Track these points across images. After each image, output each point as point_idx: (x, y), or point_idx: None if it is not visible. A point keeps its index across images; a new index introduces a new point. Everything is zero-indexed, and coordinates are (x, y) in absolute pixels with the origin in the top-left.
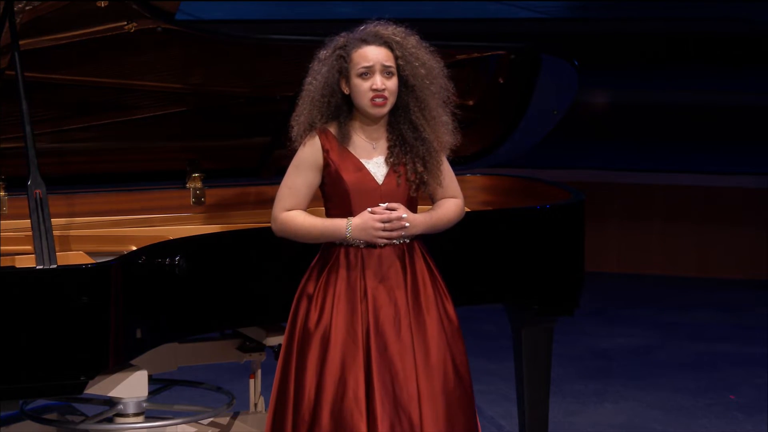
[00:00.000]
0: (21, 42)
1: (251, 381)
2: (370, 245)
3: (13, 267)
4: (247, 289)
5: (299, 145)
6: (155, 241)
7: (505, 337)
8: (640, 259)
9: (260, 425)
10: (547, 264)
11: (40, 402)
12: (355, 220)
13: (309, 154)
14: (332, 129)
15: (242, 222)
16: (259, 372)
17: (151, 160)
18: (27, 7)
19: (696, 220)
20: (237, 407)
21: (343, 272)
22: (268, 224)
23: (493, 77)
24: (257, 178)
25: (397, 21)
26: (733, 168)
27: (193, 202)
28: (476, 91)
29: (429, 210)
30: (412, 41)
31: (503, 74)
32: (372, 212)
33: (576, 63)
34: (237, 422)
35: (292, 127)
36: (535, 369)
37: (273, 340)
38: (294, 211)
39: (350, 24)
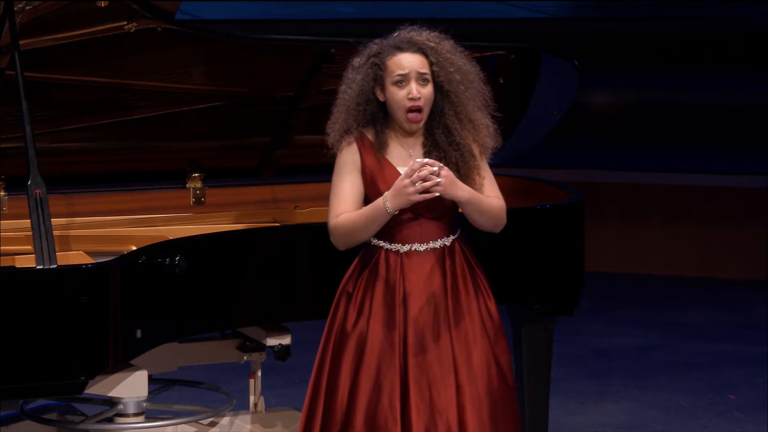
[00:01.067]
0: (21, 42)
1: (251, 381)
2: (410, 248)
3: (13, 267)
4: (246, 289)
5: (337, 151)
6: (155, 241)
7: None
8: (640, 259)
9: (260, 425)
10: (548, 264)
11: (40, 402)
12: (389, 192)
13: (348, 157)
14: (369, 135)
15: (242, 222)
16: (259, 372)
17: (151, 160)
18: (27, 7)
19: (696, 219)
20: (237, 407)
21: (382, 274)
22: (268, 224)
23: (493, 77)
24: (257, 178)
25: (431, 25)
26: (733, 168)
27: (193, 202)
28: None
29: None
30: (447, 46)
31: (503, 74)
32: (407, 170)
33: (576, 63)
34: (237, 422)
35: (328, 135)
36: (535, 369)
37: (273, 340)
38: (344, 215)
39: (352, 24)
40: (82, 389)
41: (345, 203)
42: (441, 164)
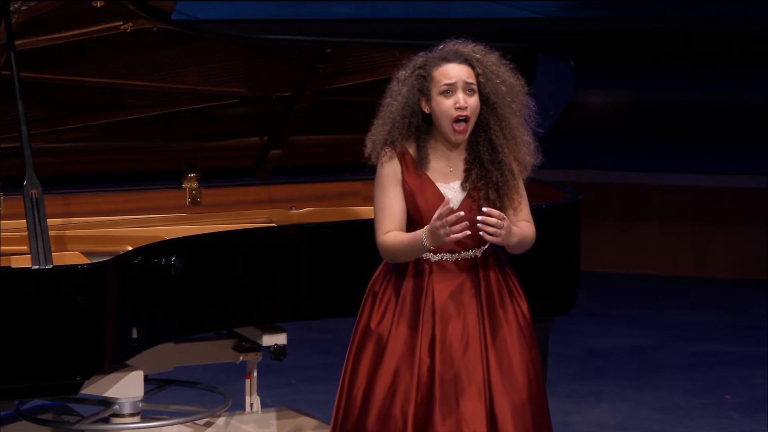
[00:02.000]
0: (17, 42)
1: (247, 381)
2: (441, 258)
3: (9, 267)
4: (242, 289)
5: (377, 163)
6: (151, 241)
7: None
8: (637, 259)
9: (256, 425)
10: (544, 264)
11: (36, 402)
12: (427, 228)
13: (390, 171)
14: (411, 149)
15: (238, 222)
16: (254, 372)
17: (148, 160)
18: (23, 7)
19: (693, 220)
20: (233, 407)
21: (410, 280)
22: (264, 224)
23: None
24: (253, 179)
25: (477, 40)
26: (731, 168)
27: (189, 203)
28: None
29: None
30: (492, 59)
31: None
32: (439, 211)
33: (572, 63)
34: (233, 422)
35: (366, 146)
36: None
37: (269, 340)
38: (391, 234)
39: (348, 24)
40: (78, 389)
41: (391, 219)
42: (501, 214)
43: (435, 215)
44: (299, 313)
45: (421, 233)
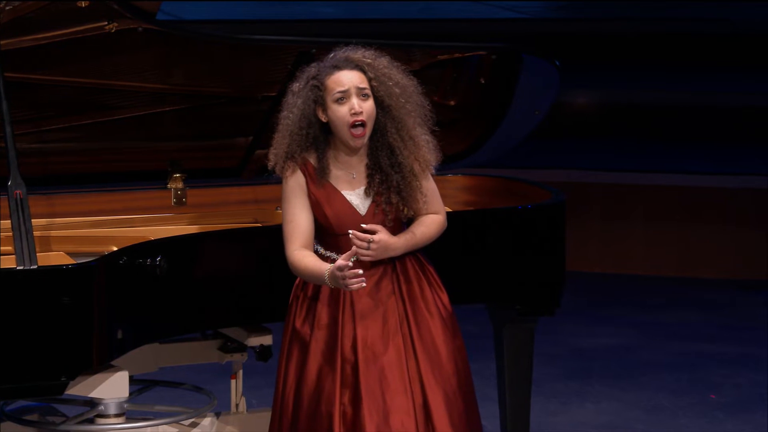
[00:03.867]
0: (1, 42)
1: (232, 381)
2: (357, 259)
3: None
4: (228, 290)
5: (282, 177)
6: (136, 242)
7: (487, 337)
8: (621, 259)
9: (241, 426)
10: (529, 264)
11: (20, 403)
12: (329, 271)
13: (294, 184)
14: (312, 159)
15: (223, 222)
16: (240, 372)
17: (132, 161)
18: (7, 8)
19: (677, 219)
20: (218, 408)
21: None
22: (249, 224)
23: (475, 77)
24: (238, 179)
25: (366, 44)
26: (714, 168)
27: (175, 203)
28: (458, 91)
29: (410, 228)
30: (384, 62)
31: (485, 74)
32: (339, 263)
33: (557, 63)
34: (218, 423)
35: (269, 160)
36: (516, 369)
37: (254, 341)
38: (299, 252)
39: (334, 24)
40: (63, 390)
41: (298, 233)
42: (369, 237)
43: (336, 265)
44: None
45: (325, 271)
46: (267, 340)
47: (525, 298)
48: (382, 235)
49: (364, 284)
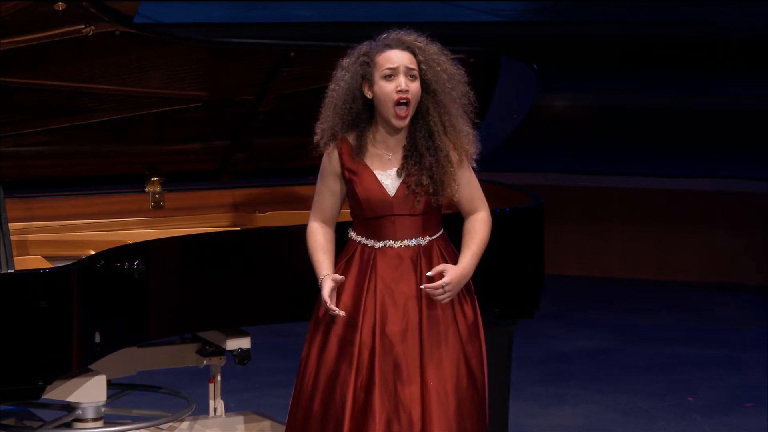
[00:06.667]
0: None
1: (211, 385)
2: (384, 245)
3: None
4: (206, 293)
5: (323, 152)
6: (114, 245)
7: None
8: (600, 262)
9: (220, 429)
10: (508, 267)
11: None
12: (322, 281)
13: (327, 163)
14: (351, 139)
15: (201, 226)
16: (218, 376)
17: (110, 164)
18: None
19: (655, 223)
20: (196, 412)
21: (355, 268)
22: (227, 228)
23: None
24: (217, 182)
25: (419, 30)
26: (691, 171)
27: (152, 206)
28: None
29: (467, 244)
30: (434, 48)
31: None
32: (326, 295)
33: (535, 66)
34: (197, 426)
35: (316, 133)
36: (495, 371)
37: (232, 344)
38: (314, 226)
39: (312, 27)
40: (40, 394)
41: (321, 206)
42: (441, 283)
43: (325, 297)
44: (263, 316)
45: (322, 274)
46: (245, 343)
47: (504, 301)
48: (450, 272)
49: (342, 313)
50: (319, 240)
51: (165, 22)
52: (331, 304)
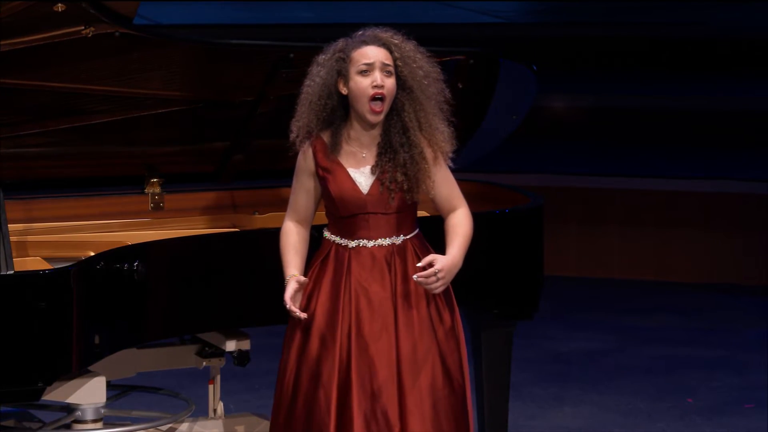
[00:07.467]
0: None
1: (210, 386)
2: (358, 244)
3: None
4: (205, 295)
5: (299, 150)
6: (113, 247)
7: (465, 341)
8: (599, 263)
9: (219, 431)
10: (507, 268)
11: None
12: (287, 282)
13: (302, 162)
14: (325, 137)
15: (201, 227)
16: (218, 377)
17: (110, 165)
18: None
19: (654, 224)
20: (196, 413)
21: (331, 268)
22: (227, 229)
23: (453, 82)
24: (216, 183)
25: (395, 28)
26: (690, 173)
27: (152, 208)
28: None
29: (452, 234)
30: (410, 45)
31: (462, 79)
32: (289, 297)
33: (534, 67)
34: (196, 428)
35: (292, 131)
36: (494, 373)
37: (232, 345)
38: (291, 225)
39: (311, 28)
40: (39, 396)
41: (294, 209)
42: (433, 270)
43: (286, 299)
44: (263, 318)
45: (288, 275)
46: (245, 344)
47: (503, 302)
48: (441, 260)
49: (305, 315)
50: (291, 240)
51: (164, 23)
52: (291, 305)
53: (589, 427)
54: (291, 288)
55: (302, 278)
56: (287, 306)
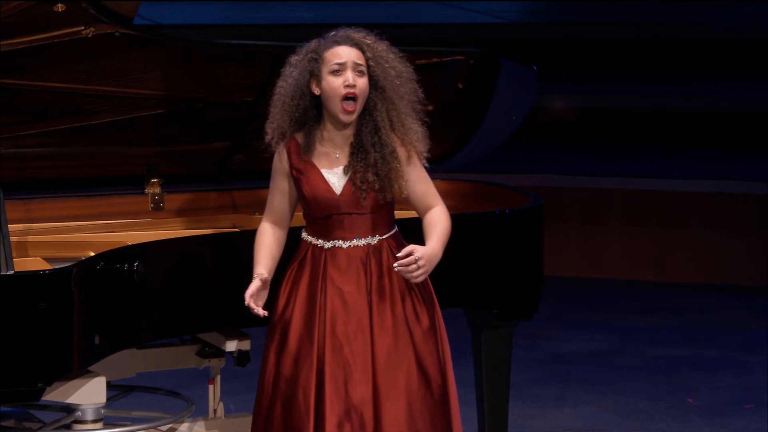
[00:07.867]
0: None
1: (210, 387)
2: (334, 245)
3: None
4: (206, 295)
5: (274, 151)
6: (113, 247)
7: (465, 342)
8: (599, 264)
9: (219, 431)
10: (507, 268)
11: None
12: (255, 279)
13: (278, 163)
14: (299, 138)
15: (201, 227)
16: (218, 378)
17: (110, 166)
18: None
19: (654, 224)
20: (196, 413)
21: (308, 269)
22: (227, 229)
23: (453, 82)
24: (216, 184)
25: (368, 28)
26: (690, 173)
27: (152, 208)
28: (436, 96)
29: (431, 228)
30: (383, 45)
31: (463, 79)
32: (251, 294)
33: (534, 68)
34: (196, 428)
35: (266, 133)
36: (494, 373)
37: (232, 346)
38: (267, 226)
39: (311, 29)
40: (40, 396)
41: (270, 210)
42: (413, 258)
43: (246, 295)
44: (264, 318)
45: (257, 273)
46: (245, 345)
47: (503, 302)
48: (420, 249)
49: (266, 313)
50: (265, 240)
51: (164, 23)
52: (249, 302)
53: (589, 427)
54: (254, 286)
55: (266, 276)
56: (246, 302)
